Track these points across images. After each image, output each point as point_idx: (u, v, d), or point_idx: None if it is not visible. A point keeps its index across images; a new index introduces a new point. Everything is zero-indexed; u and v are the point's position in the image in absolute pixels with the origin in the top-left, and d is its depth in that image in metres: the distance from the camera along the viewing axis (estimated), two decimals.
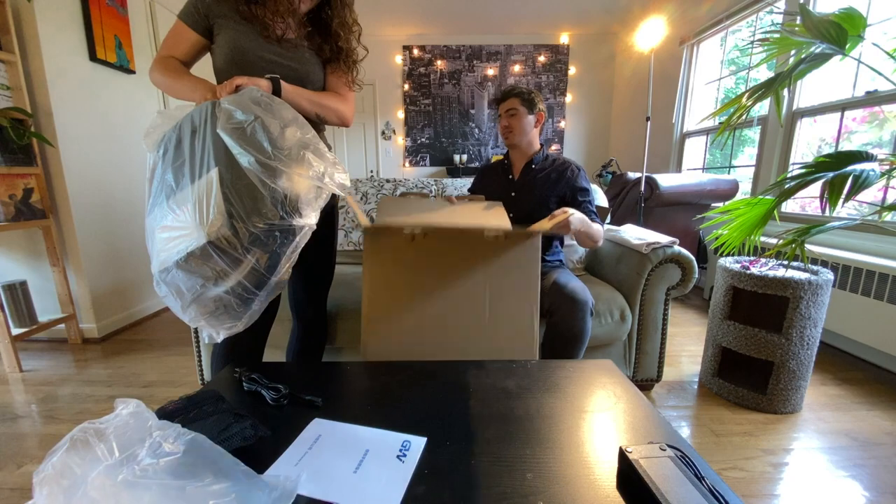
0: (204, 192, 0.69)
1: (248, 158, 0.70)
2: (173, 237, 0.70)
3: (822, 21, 1.10)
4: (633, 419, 0.63)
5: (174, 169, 0.73)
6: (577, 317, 1.21)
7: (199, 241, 0.68)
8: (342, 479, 0.50)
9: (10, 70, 1.79)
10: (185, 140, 0.75)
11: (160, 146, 0.77)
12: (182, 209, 0.70)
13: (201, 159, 0.72)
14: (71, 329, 2.09)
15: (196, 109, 0.77)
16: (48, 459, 0.38)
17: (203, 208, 0.69)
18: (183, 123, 0.76)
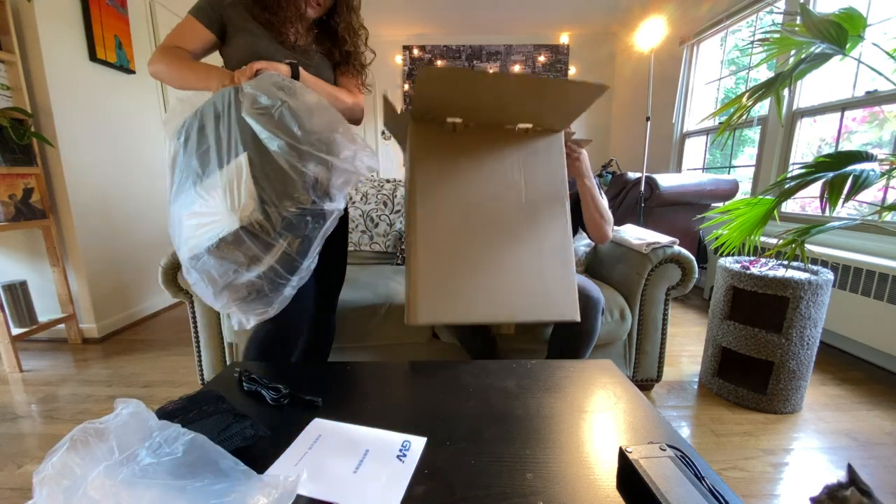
0: (234, 177, 0.69)
1: (278, 143, 0.70)
2: (204, 223, 0.70)
3: (822, 21, 1.10)
4: (633, 419, 0.63)
5: (199, 155, 0.72)
6: (590, 314, 1.21)
7: (231, 226, 0.68)
8: (342, 479, 0.50)
9: (10, 70, 1.79)
10: (208, 126, 0.73)
11: (181, 133, 0.75)
12: (211, 195, 0.69)
13: (228, 145, 0.71)
14: (71, 329, 2.09)
15: (218, 95, 0.76)
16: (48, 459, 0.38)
17: (234, 193, 0.68)
18: (204, 109, 0.75)
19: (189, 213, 0.71)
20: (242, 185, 0.68)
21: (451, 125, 0.93)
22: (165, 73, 0.92)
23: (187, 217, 0.70)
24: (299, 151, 0.70)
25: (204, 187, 0.70)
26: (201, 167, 0.72)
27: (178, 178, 0.73)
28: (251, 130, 0.71)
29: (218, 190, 0.69)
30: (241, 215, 0.68)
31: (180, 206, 0.73)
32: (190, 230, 0.70)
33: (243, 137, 0.70)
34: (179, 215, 0.72)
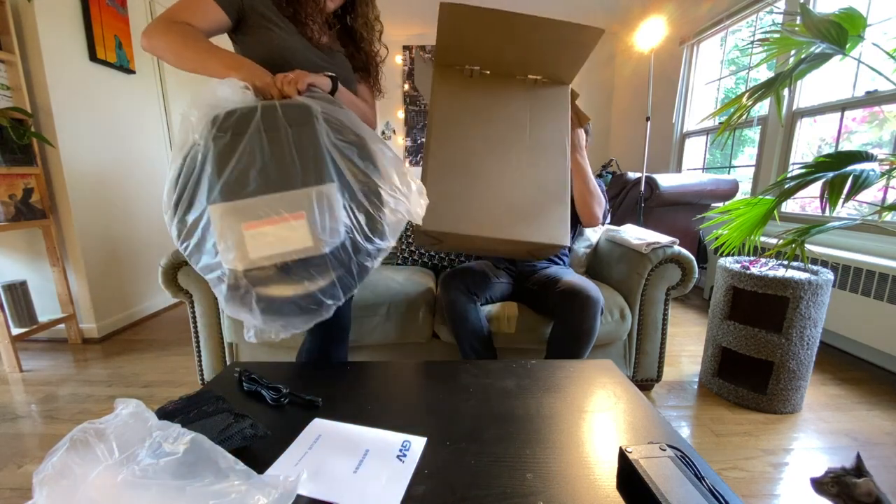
0: (325, 205, 0.66)
1: (367, 184, 0.68)
2: (275, 239, 0.65)
3: (822, 21, 1.10)
4: (633, 419, 0.63)
5: (240, 168, 0.65)
6: (589, 314, 1.21)
7: (317, 250, 0.66)
8: (342, 479, 0.50)
9: (10, 70, 1.79)
10: (252, 136, 0.66)
11: (210, 134, 0.66)
12: (277, 213, 0.65)
13: (303, 167, 0.66)
14: (71, 329, 2.09)
15: (268, 105, 0.68)
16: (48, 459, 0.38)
17: (325, 221, 0.66)
18: (242, 113, 0.67)
19: (250, 224, 0.65)
20: (337, 214, 0.67)
21: (469, 71, 1.03)
22: (171, 50, 0.79)
23: (245, 227, 0.65)
24: (377, 192, 0.70)
25: (267, 203, 0.65)
26: (257, 181, 0.66)
27: (208, 181, 0.66)
28: (335, 161, 0.68)
29: (299, 211, 0.65)
30: (329, 240, 0.67)
31: (220, 212, 0.66)
32: (252, 240, 0.65)
33: (325, 166, 0.67)
34: (225, 222, 0.66)
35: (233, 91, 0.69)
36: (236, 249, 0.65)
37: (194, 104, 0.67)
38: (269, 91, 0.73)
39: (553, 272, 1.41)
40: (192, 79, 2.93)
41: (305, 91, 0.74)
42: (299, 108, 0.68)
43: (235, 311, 0.69)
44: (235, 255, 0.66)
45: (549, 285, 1.34)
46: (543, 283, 1.38)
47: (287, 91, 0.72)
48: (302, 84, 0.73)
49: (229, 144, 0.65)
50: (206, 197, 0.65)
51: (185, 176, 0.67)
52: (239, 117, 0.66)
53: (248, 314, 0.69)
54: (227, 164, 0.65)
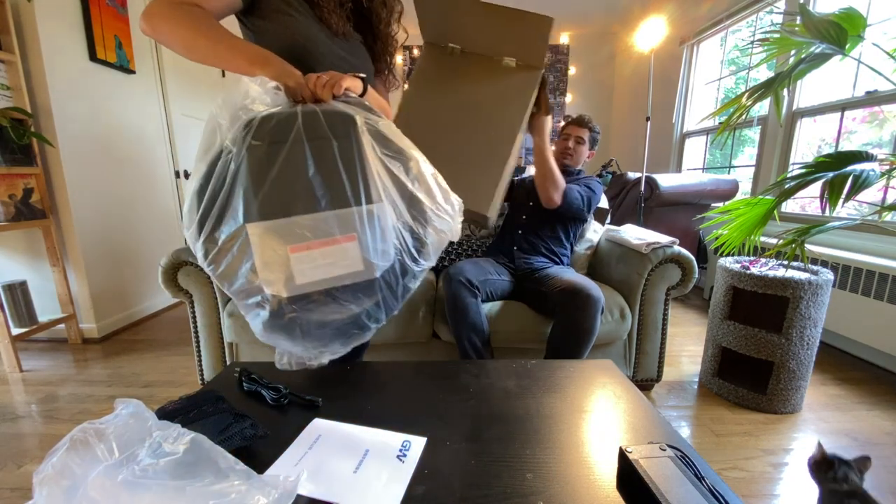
0: (376, 225, 0.61)
1: (414, 201, 0.63)
2: (324, 263, 0.60)
3: (821, 21, 1.10)
4: (633, 419, 0.63)
5: (281, 181, 0.58)
6: (589, 313, 1.22)
7: (369, 275, 0.61)
8: (342, 479, 0.50)
9: (10, 70, 1.79)
10: (293, 146, 0.59)
11: (244, 140, 0.59)
12: (327, 234, 0.59)
13: (352, 183, 0.60)
14: (71, 329, 2.09)
15: (309, 111, 0.61)
16: (48, 459, 0.38)
17: (377, 243, 0.61)
18: (280, 119, 0.60)
19: (297, 246, 0.58)
20: (388, 236, 0.62)
21: (451, 50, 1.07)
22: (179, 36, 0.68)
23: (291, 250, 0.58)
24: (423, 210, 0.65)
25: (332, 223, 0.59)
26: (295, 194, 0.59)
27: (243, 196, 0.59)
28: (386, 177, 0.62)
29: (352, 232, 0.60)
30: (381, 264, 0.62)
31: (273, 233, 0.58)
32: (298, 264, 0.59)
33: (368, 180, 0.61)
34: (266, 242, 0.59)
35: (265, 92, 0.62)
36: (280, 274, 0.58)
37: (225, 104, 0.60)
38: (302, 93, 0.65)
39: (553, 272, 1.42)
40: (193, 78, 2.93)
41: (341, 96, 0.67)
42: (343, 118, 0.61)
43: (273, 338, 0.64)
44: (279, 280, 0.59)
45: (549, 284, 1.34)
46: (544, 282, 1.38)
47: (321, 95, 0.65)
48: (339, 88, 0.66)
49: (267, 154, 0.58)
50: (243, 213, 0.57)
51: (215, 187, 0.58)
52: (278, 123, 0.59)
53: (287, 341, 0.64)
54: (266, 176, 0.58)
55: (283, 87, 0.65)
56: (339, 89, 0.66)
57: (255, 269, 0.59)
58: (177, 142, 2.78)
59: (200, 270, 1.40)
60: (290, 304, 0.60)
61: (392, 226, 0.63)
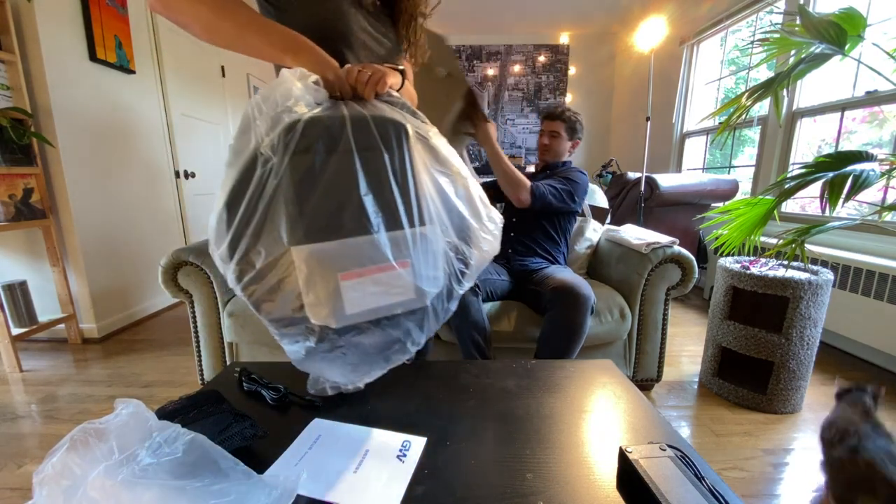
0: (429, 249, 0.56)
1: (461, 222, 0.59)
2: (377, 291, 0.54)
3: (821, 21, 1.10)
4: (633, 419, 0.63)
5: (330, 198, 0.52)
6: (580, 311, 1.22)
7: (420, 303, 0.57)
8: (342, 479, 0.50)
9: (10, 70, 1.79)
10: (342, 157, 0.52)
11: (286, 147, 0.51)
12: (381, 260, 0.54)
13: (405, 202, 0.54)
14: (71, 329, 2.09)
15: (359, 116, 0.54)
16: (48, 459, 0.38)
17: (429, 269, 0.57)
18: (327, 125, 0.53)
19: (349, 273, 0.52)
20: (438, 261, 0.58)
21: (439, 72, 1.13)
22: (198, 17, 0.59)
23: (342, 277, 0.52)
24: (468, 230, 0.61)
25: (387, 247, 0.54)
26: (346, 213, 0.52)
27: (281, 210, 0.52)
28: (436, 194, 0.58)
29: (407, 258, 0.55)
30: (430, 290, 0.57)
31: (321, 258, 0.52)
32: (349, 292, 0.53)
33: (420, 199, 0.56)
34: (313, 268, 0.52)
35: (307, 90, 0.55)
36: (330, 304, 0.52)
37: (264, 103, 0.53)
38: (341, 89, 0.58)
39: (549, 271, 1.42)
40: (193, 78, 2.93)
41: (384, 94, 0.61)
42: (395, 126, 0.55)
43: (313, 367, 0.60)
44: (328, 310, 0.52)
45: (544, 284, 1.35)
46: (540, 282, 1.39)
47: (363, 92, 0.58)
48: (382, 86, 0.59)
49: (313, 165, 0.51)
50: (286, 234, 0.50)
51: (250, 201, 0.50)
52: (326, 130, 0.52)
53: (327, 369, 0.60)
54: (313, 192, 0.51)
55: (322, 79, 0.57)
56: (382, 87, 0.59)
57: (300, 297, 0.52)
58: (177, 142, 2.78)
59: (200, 270, 1.40)
60: (336, 335, 0.55)
61: (442, 249, 0.59)
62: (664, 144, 3.60)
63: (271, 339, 1.42)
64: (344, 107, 0.56)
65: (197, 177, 2.99)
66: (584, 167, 4.83)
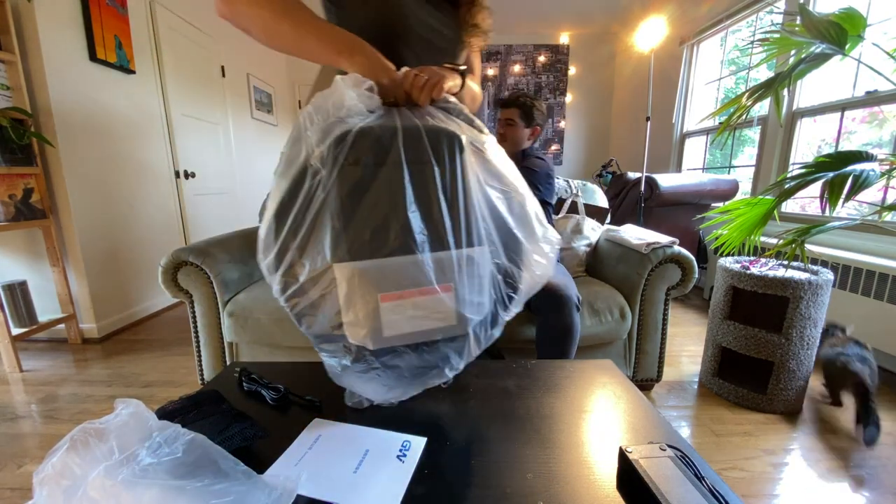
0: (475, 273, 0.53)
1: (512, 243, 0.56)
2: (416, 315, 0.52)
3: (821, 21, 1.10)
4: (633, 419, 0.63)
5: (376, 215, 0.50)
6: (564, 312, 1.22)
7: (461, 330, 0.54)
8: (342, 479, 0.50)
9: (10, 70, 1.79)
10: (391, 170, 0.50)
11: (335, 160, 0.49)
12: (423, 282, 0.51)
13: (453, 221, 0.51)
14: (71, 329, 2.09)
15: (412, 128, 0.52)
16: (48, 459, 0.38)
17: (473, 294, 0.53)
18: (377, 136, 0.50)
19: (389, 295, 0.51)
20: (484, 282, 0.53)
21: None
22: (260, 19, 0.58)
23: (383, 299, 0.51)
24: (520, 251, 0.56)
25: (430, 269, 0.51)
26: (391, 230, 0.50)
27: (327, 225, 0.50)
28: (485, 212, 0.54)
29: (450, 282, 0.51)
30: (473, 318, 0.53)
31: (363, 277, 0.50)
32: (388, 314, 0.51)
33: (470, 218, 0.52)
34: (354, 287, 0.50)
35: (359, 98, 0.53)
36: (368, 325, 0.51)
37: (316, 112, 0.51)
38: (396, 93, 0.56)
39: None
40: (193, 78, 2.93)
41: (440, 99, 0.58)
42: (448, 138, 0.52)
43: (349, 383, 0.60)
44: (366, 331, 0.52)
45: None
46: None
47: (419, 99, 0.56)
48: (439, 92, 0.56)
49: (362, 178, 0.49)
50: (330, 249, 0.49)
51: (298, 213, 0.50)
52: (377, 141, 0.50)
53: (362, 387, 0.59)
54: (359, 206, 0.49)
55: (376, 84, 0.55)
56: (438, 93, 0.57)
57: (339, 315, 0.52)
58: (177, 142, 2.78)
59: (200, 270, 1.40)
60: (372, 357, 0.54)
61: (489, 273, 0.55)
62: (664, 144, 3.60)
63: (271, 339, 1.42)
64: (397, 115, 0.54)
65: (197, 177, 2.99)
66: (584, 167, 4.83)
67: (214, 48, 3.22)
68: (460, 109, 0.60)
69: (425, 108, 0.56)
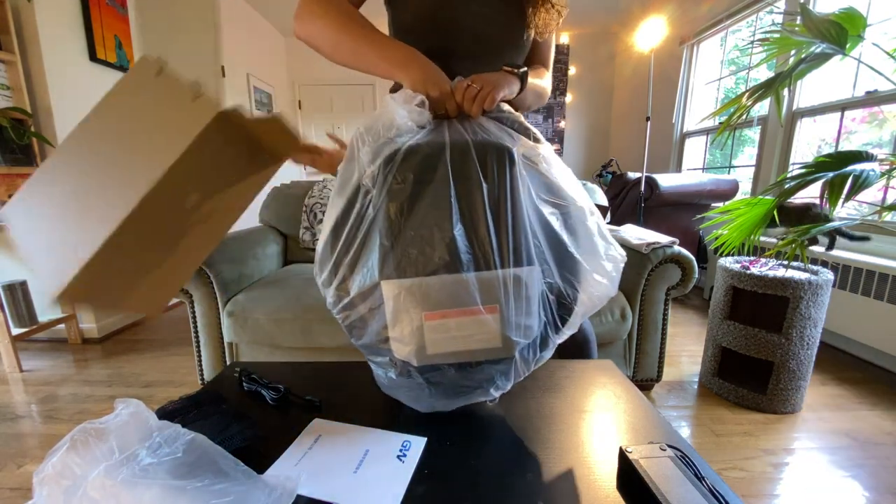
0: (522, 295, 0.51)
1: (568, 262, 0.54)
2: (459, 335, 0.52)
3: (822, 21, 1.10)
4: (633, 419, 0.63)
5: (422, 233, 0.49)
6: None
7: (506, 353, 0.53)
8: (342, 479, 0.50)
9: (10, 70, 1.79)
10: (438, 188, 0.50)
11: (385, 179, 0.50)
12: (468, 303, 0.50)
13: (499, 239, 0.50)
14: (71, 329, 2.09)
15: (460, 143, 0.51)
16: (48, 459, 0.38)
17: (521, 317, 0.51)
18: (426, 154, 0.51)
19: (433, 314, 0.51)
20: (533, 305, 0.52)
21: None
22: (326, 36, 0.61)
23: (427, 317, 0.51)
24: (576, 271, 0.54)
25: (475, 289, 0.50)
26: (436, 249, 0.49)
27: (376, 243, 0.51)
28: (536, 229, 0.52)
29: (496, 303, 0.50)
30: (520, 341, 0.52)
31: (409, 296, 0.51)
32: (432, 332, 0.52)
33: (519, 237, 0.51)
34: (400, 305, 0.51)
35: (409, 116, 0.53)
36: (412, 342, 0.52)
37: (368, 133, 0.52)
38: (447, 105, 0.56)
39: None
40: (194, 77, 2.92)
41: (493, 109, 0.56)
42: (498, 152, 0.51)
43: (396, 395, 0.62)
44: (410, 348, 0.52)
45: None
46: None
47: (470, 110, 0.55)
48: (491, 102, 0.55)
49: (410, 198, 0.50)
50: (378, 266, 0.51)
51: (351, 231, 0.52)
52: (425, 159, 0.50)
53: (408, 399, 0.61)
54: (407, 224, 0.50)
55: (427, 97, 0.55)
56: (490, 103, 0.55)
57: (386, 329, 0.53)
58: None
59: (200, 270, 1.40)
60: (417, 373, 0.55)
61: (540, 293, 0.53)
62: (664, 144, 3.60)
63: (271, 339, 1.42)
64: (447, 130, 0.53)
65: None
66: (585, 167, 4.83)
67: (214, 48, 3.22)
68: (514, 118, 0.58)
69: (477, 120, 0.56)
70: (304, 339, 1.41)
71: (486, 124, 0.55)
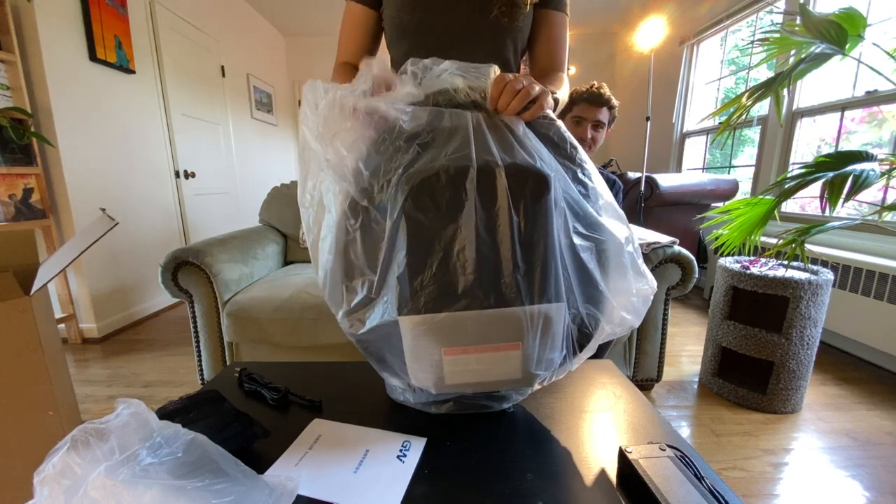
0: (548, 331, 0.49)
1: (595, 296, 0.52)
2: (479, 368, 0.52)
3: (822, 21, 1.10)
4: (633, 419, 0.63)
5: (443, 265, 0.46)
6: None
7: (525, 384, 0.52)
8: (342, 479, 0.50)
9: (10, 70, 1.79)
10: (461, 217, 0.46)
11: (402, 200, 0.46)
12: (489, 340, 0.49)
13: (528, 274, 0.47)
14: (71, 329, 2.09)
15: (486, 166, 0.47)
16: (48, 459, 0.38)
17: (544, 352, 0.50)
18: (451, 176, 0.48)
19: (452, 350, 0.49)
20: (556, 340, 0.50)
21: None
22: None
23: (446, 353, 0.49)
24: (601, 302, 0.52)
25: (496, 326, 0.49)
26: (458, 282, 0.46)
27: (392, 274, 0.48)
28: (568, 263, 0.49)
29: (518, 341, 0.48)
30: (541, 374, 0.51)
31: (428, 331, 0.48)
32: (451, 366, 0.50)
33: (548, 273, 0.47)
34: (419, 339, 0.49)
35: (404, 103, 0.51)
36: (431, 373, 0.51)
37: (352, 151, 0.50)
38: (491, 102, 0.50)
39: None
40: (193, 78, 2.93)
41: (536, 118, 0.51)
42: (535, 179, 0.46)
43: (405, 399, 0.64)
44: (429, 379, 0.51)
45: None
46: None
47: (503, 107, 0.49)
48: (538, 110, 0.49)
49: (429, 224, 0.46)
50: (395, 300, 0.48)
51: (359, 256, 0.50)
52: (447, 184, 0.45)
53: (420, 406, 0.63)
54: (428, 257, 0.46)
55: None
56: (538, 111, 0.49)
57: (403, 357, 0.52)
58: (177, 142, 2.78)
59: (200, 270, 1.40)
60: (435, 395, 0.58)
61: (564, 327, 0.50)
62: (664, 144, 3.60)
63: (271, 339, 1.42)
64: (474, 145, 0.47)
65: (196, 177, 2.99)
66: None
67: (214, 48, 3.22)
68: (562, 134, 0.52)
69: (509, 120, 0.49)
70: (304, 339, 1.41)
71: (516, 128, 0.50)
